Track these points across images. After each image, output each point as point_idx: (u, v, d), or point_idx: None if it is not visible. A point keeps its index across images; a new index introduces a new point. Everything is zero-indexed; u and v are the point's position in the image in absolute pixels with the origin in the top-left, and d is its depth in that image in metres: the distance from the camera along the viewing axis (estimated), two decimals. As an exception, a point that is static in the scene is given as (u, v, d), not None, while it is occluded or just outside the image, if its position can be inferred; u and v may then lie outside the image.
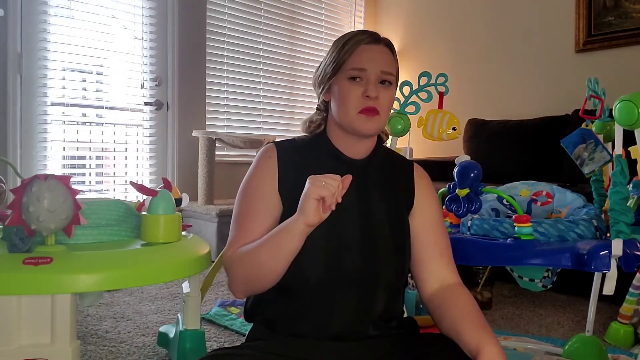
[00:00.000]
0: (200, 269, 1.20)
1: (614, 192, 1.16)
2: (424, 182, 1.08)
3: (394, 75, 0.99)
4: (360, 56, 0.97)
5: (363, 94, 0.95)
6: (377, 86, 0.96)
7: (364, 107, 0.95)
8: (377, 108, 0.95)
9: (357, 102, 0.96)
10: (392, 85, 0.99)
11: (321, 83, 1.03)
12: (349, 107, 0.96)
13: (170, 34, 3.19)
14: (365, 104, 0.95)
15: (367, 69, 0.96)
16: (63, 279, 0.97)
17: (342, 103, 0.97)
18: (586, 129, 1.43)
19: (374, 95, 0.95)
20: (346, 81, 0.97)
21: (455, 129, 1.49)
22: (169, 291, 2.29)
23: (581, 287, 1.98)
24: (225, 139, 3.05)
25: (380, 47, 0.99)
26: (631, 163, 1.20)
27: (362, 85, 0.96)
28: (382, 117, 0.97)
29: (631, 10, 3.00)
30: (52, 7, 2.71)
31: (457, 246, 1.28)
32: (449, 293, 0.97)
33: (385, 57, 0.99)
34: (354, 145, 1.01)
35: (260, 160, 1.01)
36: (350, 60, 0.97)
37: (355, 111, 0.96)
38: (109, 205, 1.27)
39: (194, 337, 1.39)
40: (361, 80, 0.96)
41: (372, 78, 0.96)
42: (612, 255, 1.10)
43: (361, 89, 0.95)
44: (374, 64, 0.96)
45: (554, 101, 3.25)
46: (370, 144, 1.04)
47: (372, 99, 0.95)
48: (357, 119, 0.96)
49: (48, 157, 2.74)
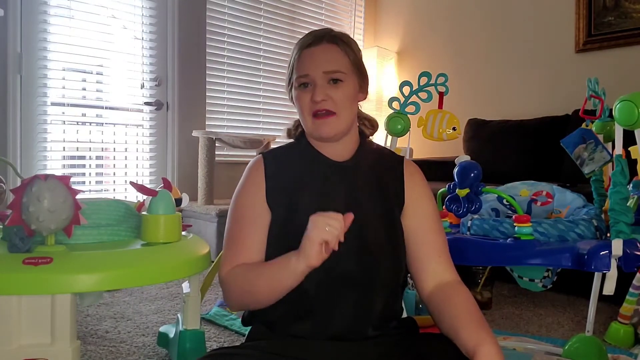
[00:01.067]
0: (200, 269, 1.20)
1: (614, 192, 1.16)
2: (415, 179, 1.06)
3: (342, 71, 0.97)
4: (302, 62, 0.98)
5: (311, 99, 0.96)
6: (324, 88, 0.96)
7: (313, 112, 0.96)
8: (328, 109, 0.96)
9: (309, 107, 0.97)
10: (343, 81, 0.97)
11: (288, 94, 1.04)
12: (303, 114, 0.98)
13: (170, 34, 3.19)
14: (314, 108, 0.96)
15: (309, 73, 0.96)
16: (63, 279, 0.97)
17: (299, 110, 1.00)
18: (586, 129, 1.43)
19: (318, 99, 0.95)
20: (297, 89, 0.99)
21: (455, 129, 1.49)
22: (169, 291, 2.29)
23: (581, 287, 1.98)
24: (225, 139, 3.05)
25: (322, 47, 0.98)
26: (631, 163, 1.20)
27: (310, 90, 0.96)
28: (339, 116, 0.97)
29: (631, 10, 3.00)
30: (52, 7, 2.71)
31: (457, 246, 1.28)
32: (448, 292, 0.96)
33: (328, 56, 0.97)
34: (333, 148, 1.02)
35: (247, 174, 1.03)
36: (296, 68, 0.98)
37: (309, 117, 0.97)
38: (109, 205, 1.27)
39: (194, 337, 1.39)
40: (309, 85, 0.97)
41: (317, 81, 0.96)
42: (612, 255, 1.10)
43: (310, 94, 0.96)
44: (314, 67, 0.96)
45: (554, 101, 3.25)
46: (351, 144, 1.03)
47: (318, 102, 0.95)
48: (313, 124, 0.97)
49: (48, 157, 2.74)
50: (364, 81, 1.04)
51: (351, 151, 1.03)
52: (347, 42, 1.01)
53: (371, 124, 1.12)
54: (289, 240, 0.93)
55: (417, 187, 1.05)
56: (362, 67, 1.03)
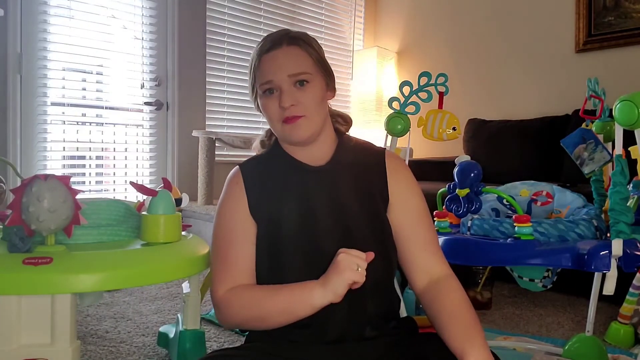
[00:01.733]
0: (200, 269, 1.20)
1: (614, 192, 1.16)
2: (399, 175, 1.03)
3: (307, 71, 0.95)
4: (263, 68, 0.95)
5: (279, 105, 0.94)
6: (291, 92, 0.93)
7: (283, 119, 0.94)
8: (297, 114, 0.93)
9: (277, 114, 0.95)
10: (310, 82, 0.95)
11: (253, 101, 1.02)
12: (273, 121, 0.96)
13: (170, 34, 3.19)
14: (283, 114, 0.94)
15: (272, 79, 0.94)
16: (63, 279, 0.97)
17: (267, 118, 0.98)
18: (586, 129, 1.43)
19: (287, 105, 0.93)
20: (263, 97, 0.96)
21: (455, 129, 1.49)
22: (169, 291, 2.29)
23: (581, 287, 1.98)
24: (225, 139, 3.05)
25: (282, 50, 0.95)
26: (631, 163, 1.20)
27: (277, 96, 0.94)
28: (309, 118, 0.94)
29: (631, 10, 3.00)
30: (52, 7, 2.71)
31: (457, 246, 1.28)
32: (439, 289, 0.94)
33: (290, 59, 0.95)
34: (309, 152, 0.99)
35: (228, 189, 1.01)
36: (259, 75, 0.96)
37: (279, 124, 0.95)
38: (109, 205, 1.27)
39: (194, 337, 1.39)
40: (275, 91, 0.94)
41: (282, 86, 0.94)
42: (612, 255, 1.10)
43: (277, 101, 0.94)
44: (277, 72, 0.94)
45: (554, 101, 3.26)
46: (327, 145, 1.01)
47: (287, 108, 0.93)
48: (283, 130, 0.95)
49: (48, 157, 2.74)
50: (330, 79, 1.01)
51: (328, 153, 1.01)
52: (308, 42, 0.98)
53: (344, 120, 1.09)
54: (277, 254, 0.93)
55: (401, 182, 1.02)
56: (326, 65, 1.01)
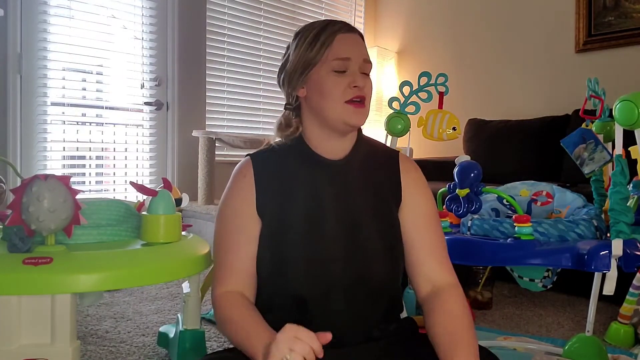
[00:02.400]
0: (200, 269, 1.20)
1: (614, 192, 1.16)
2: (412, 176, 1.02)
3: (371, 64, 0.96)
4: (340, 46, 0.92)
5: (350, 85, 0.91)
6: (361, 75, 0.93)
7: (353, 97, 0.92)
8: (363, 97, 0.93)
9: (344, 93, 0.92)
10: (368, 75, 0.96)
11: (292, 79, 0.97)
12: (335, 99, 0.92)
13: (170, 34, 3.19)
14: (353, 94, 0.92)
15: (351, 58, 0.92)
16: (63, 279, 0.97)
17: (327, 95, 0.92)
18: (586, 129, 1.43)
19: (362, 84, 0.92)
20: (329, 73, 0.92)
21: (455, 129, 1.49)
22: (169, 291, 2.29)
23: (581, 287, 1.99)
24: (225, 139, 3.04)
25: (357, 37, 0.96)
26: (631, 163, 1.20)
27: (347, 76, 0.92)
28: (367, 109, 0.95)
29: (631, 10, 3.00)
30: (52, 7, 2.71)
31: (457, 246, 1.28)
32: (438, 300, 0.92)
33: (363, 46, 0.96)
34: (333, 145, 0.97)
35: (235, 181, 0.98)
36: (332, 51, 0.92)
37: (342, 102, 0.92)
38: (109, 205, 1.27)
39: (194, 337, 1.39)
40: (344, 71, 0.92)
41: (356, 68, 0.93)
42: (612, 255, 1.10)
43: (347, 80, 0.92)
44: (356, 53, 0.93)
45: (554, 101, 3.25)
46: (350, 141, 0.99)
47: (360, 88, 0.92)
48: (345, 111, 0.92)
49: (48, 157, 2.74)
50: None
51: (347, 149, 0.99)
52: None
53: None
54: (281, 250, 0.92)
55: (413, 184, 1.01)
56: None
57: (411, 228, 0.98)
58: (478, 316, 2.00)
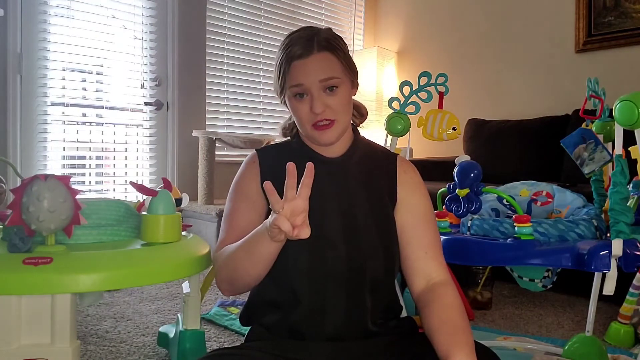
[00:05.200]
0: (200, 269, 1.20)
1: (614, 192, 1.16)
2: (408, 176, 1.05)
3: (336, 76, 0.95)
4: (295, 74, 0.95)
5: (310, 110, 0.94)
6: (321, 97, 0.94)
7: (314, 123, 0.95)
8: (328, 118, 0.94)
9: (307, 117, 0.95)
10: (339, 87, 0.95)
11: (277, 94, 1.02)
12: (302, 123, 0.97)
13: (170, 34, 3.19)
14: (315, 119, 0.94)
15: (303, 83, 0.94)
16: (63, 279, 0.97)
17: (296, 119, 0.99)
18: (586, 129, 1.43)
19: (319, 110, 0.93)
20: (293, 98, 0.97)
21: (455, 129, 1.49)
22: (169, 291, 2.29)
23: (581, 287, 1.99)
24: (225, 139, 3.04)
25: (314, 57, 0.94)
26: (631, 163, 1.20)
27: (308, 100, 0.95)
28: (338, 123, 0.96)
29: (631, 10, 3.00)
30: (52, 7, 2.71)
31: (457, 246, 1.28)
32: (433, 294, 0.94)
33: (322, 64, 0.94)
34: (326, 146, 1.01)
35: (245, 166, 1.05)
36: (289, 79, 0.96)
37: (309, 126, 0.96)
38: (109, 205, 1.27)
39: (194, 337, 1.39)
40: (306, 95, 0.95)
41: (313, 91, 0.94)
42: (612, 255, 1.10)
43: (308, 105, 0.95)
44: (309, 77, 0.93)
45: (554, 101, 3.25)
46: (346, 141, 1.03)
47: (318, 114, 0.94)
48: (313, 133, 0.96)
49: (48, 157, 2.74)
50: (355, 76, 1.02)
51: (345, 146, 1.03)
52: (337, 44, 0.98)
53: (360, 113, 1.10)
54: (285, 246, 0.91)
55: (409, 184, 1.04)
56: (352, 64, 1.01)
57: (407, 226, 1.00)
58: (478, 316, 2.00)
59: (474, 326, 1.87)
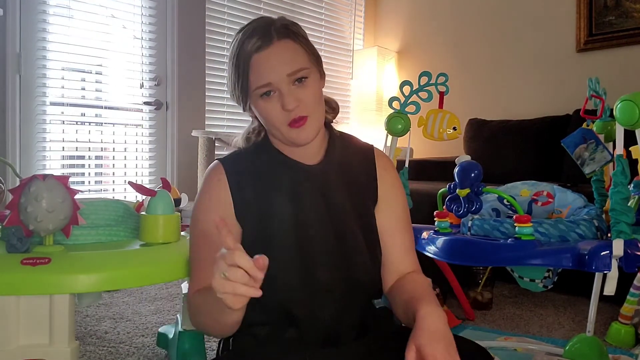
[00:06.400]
0: (199, 269, 1.20)
1: (615, 192, 1.16)
2: (387, 174, 1.01)
3: (306, 67, 0.87)
4: (257, 71, 0.85)
5: (283, 108, 0.86)
6: (291, 91, 0.86)
7: (290, 121, 0.87)
8: (302, 114, 0.87)
9: (280, 117, 0.87)
10: (308, 78, 0.88)
11: (238, 101, 0.93)
12: (275, 125, 0.88)
13: (170, 33, 3.19)
14: (289, 117, 0.86)
15: (271, 82, 0.85)
16: (61, 280, 0.96)
17: (267, 122, 0.90)
18: (587, 129, 1.42)
19: (291, 106, 0.85)
20: (260, 100, 0.87)
21: (455, 129, 1.49)
22: (168, 292, 2.29)
23: (582, 287, 1.98)
24: (225, 139, 3.04)
25: (275, 47, 0.86)
26: (632, 163, 1.20)
27: (277, 98, 0.86)
28: (313, 117, 0.88)
29: (632, 9, 2.99)
30: (51, 6, 2.71)
31: (458, 246, 1.28)
32: (402, 280, 0.96)
33: (286, 55, 0.86)
34: (303, 150, 0.93)
35: (208, 186, 0.93)
36: (251, 79, 0.86)
37: (284, 126, 0.87)
38: (108, 206, 1.27)
39: (193, 337, 1.39)
40: (273, 92, 0.86)
41: (282, 87, 0.85)
42: (613, 255, 1.10)
43: (278, 103, 0.86)
44: (275, 72, 0.85)
45: (555, 101, 3.25)
46: (320, 143, 0.96)
47: (291, 111, 0.86)
48: (289, 133, 0.88)
49: (47, 157, 2.73)
50: (320, 66, 0.93)
51: (321, 150, 0.96)
52: (297, 31, 0.90)
53: (331, 107, 1.02)
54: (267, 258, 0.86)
55: (389, 183, 1.01)
56: (315, 51, 0.93)
57: (385, 227, 0.99)
58: (478, 316, 1.99)
59: (475, 326, 1.87)
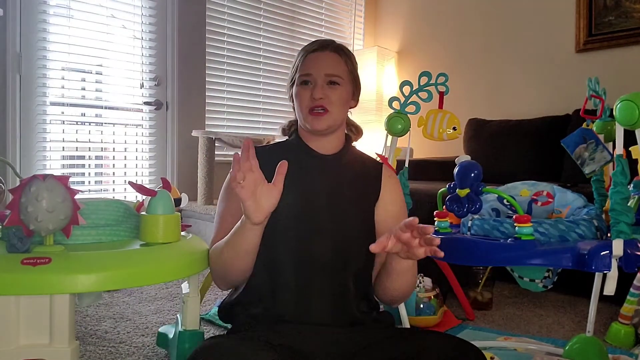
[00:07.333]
0: (199, 269, 1.20)
1: (615, 192, 1.16)
2: (392, 181, 1.19)
3: (340, 75, 1.10)
4: (306, 64, 1.11)
5: (311, 96, 1.08)
6: (323, 87, 1.09)
7: (311, 107, 1.08)
8: (324, 106, 1.08)
9: (307, 102, 1.09)
10: (339, 85, 1.10)
11: (288, 91, 1.18)
12: (301, 108, 1.11)
13: (170, 33, 3.19)
14: (312, 104, 1.08)
15: (312, 73, 1.09)
16: (62, 279, 0.96)
17: (297, 105, 1.12)
18: (587, 129, 1.42)
19: (318, 96, 1.07)
20: (298, 86, 1.11)
21: (455, 129, 1.49)
22: (168, 291, 2.29)
23: (582, 287, 1.98)
24: (225, 139, 3.04)
25: (326, 54, 1.11)
26: (632, 163, 1.20)
27: (310, 88, 1.09)
28: (332, 114, 1.09)
29: (631, 10, 2.99)
30: (51, 6, 2.71)
31: (458, 246, 1.28)
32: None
33: (330, 61, 1.10)
34: (321, 142, 1.14)
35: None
36: (300, 68, 1.12)
37: (306, 111, 1.09)
38: (108, 205, 1.27)
39: (193, 337, 1.39)
40: (310, 84, 1.10)
41: (317, 81, 1.09)
42: (612, 255, 1.10)
43: (309, 92, 1.09)
44: (317, 68, 1.09)
45: (555, 101, 3.25)
46: (337, 141, 1.15)
47: (317, 99, 1.07)
48: (308, 118, 1.09)
49: (47, 157, 2.73)
50: (357, 90, 1.17)
51: (337, 148, 1.15)
52: (348, 54, 1.14)
53: (357, 130, 1.24)
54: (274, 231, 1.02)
55: (391, 187, 1.17)
56: (357, 77, 1.16)
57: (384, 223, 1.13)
58: (478, 316, 1.99)
59: (475, 326, 1.87)
